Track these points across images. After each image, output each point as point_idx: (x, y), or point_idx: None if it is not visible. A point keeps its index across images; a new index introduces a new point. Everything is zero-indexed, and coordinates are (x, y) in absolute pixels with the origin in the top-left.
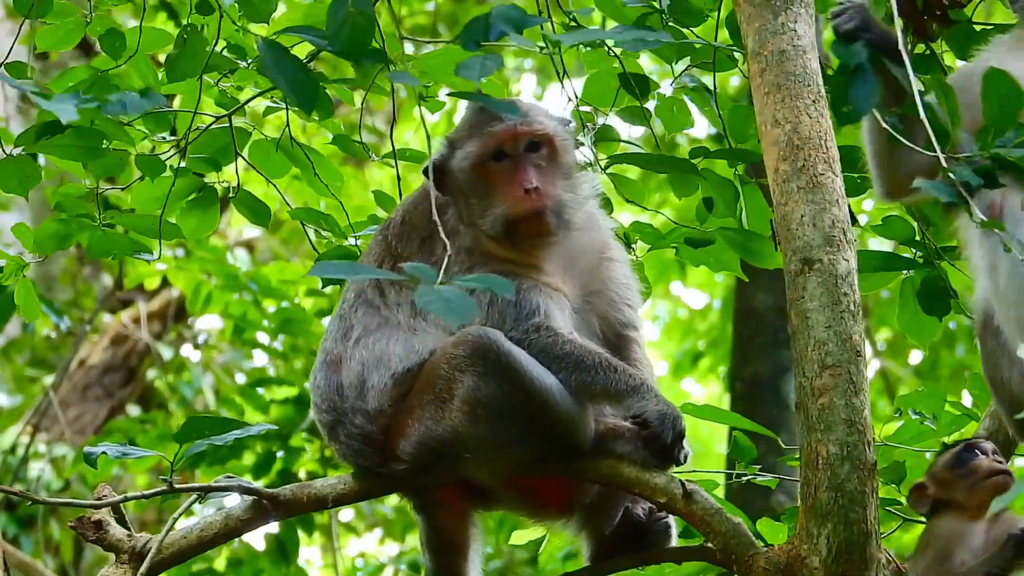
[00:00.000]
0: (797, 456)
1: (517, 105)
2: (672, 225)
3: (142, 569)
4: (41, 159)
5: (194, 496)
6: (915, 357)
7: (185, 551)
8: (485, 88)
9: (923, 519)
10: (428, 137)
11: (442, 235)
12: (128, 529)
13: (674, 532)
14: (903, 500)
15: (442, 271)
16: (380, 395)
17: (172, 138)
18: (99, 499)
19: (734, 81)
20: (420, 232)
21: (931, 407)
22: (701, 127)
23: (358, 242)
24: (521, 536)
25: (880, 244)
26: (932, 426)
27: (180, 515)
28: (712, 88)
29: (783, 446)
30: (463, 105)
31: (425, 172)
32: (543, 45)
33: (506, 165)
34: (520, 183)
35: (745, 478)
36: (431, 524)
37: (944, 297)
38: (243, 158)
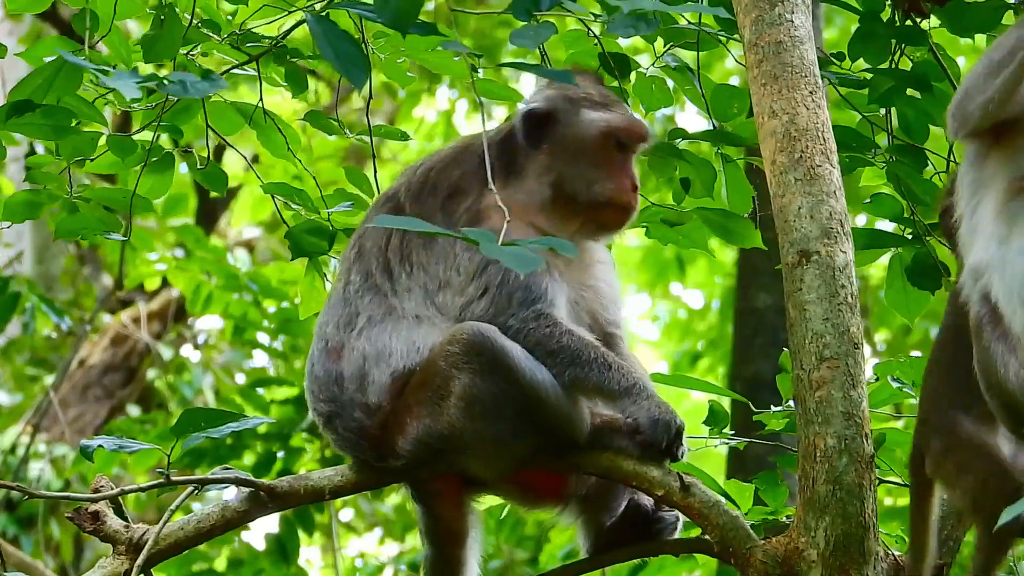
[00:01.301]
0: (773, 416)
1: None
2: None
3: (139, 560)
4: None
5: (191, 488)
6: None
7: (182, 542)
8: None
9: None
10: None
11: (491, 183)
12: (126, 520)
13: (680, 527)
14: (882, 463)
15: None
16: (379, 391)
17: (148, 108)
18: (96, 491)
19: (730, 64)
20: (444, 191)
21: (910, 376)
22: (692, 116)
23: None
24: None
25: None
26: (910, 392)
27: (178, 507)
28: (696, 68)
29: (754, 409)
30: (461, 105)
31: (528, 116)
32: (598, 13)
33: (619, 154)
34: (631, 178)
35: (718, 443)
36: (429, 514)
37: (934, 273)
38: (213, 129)
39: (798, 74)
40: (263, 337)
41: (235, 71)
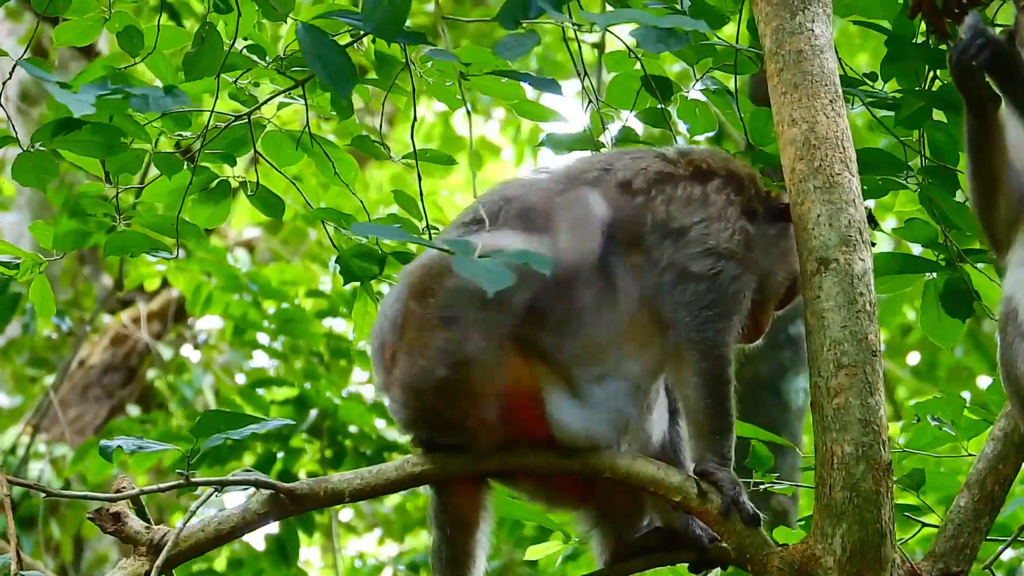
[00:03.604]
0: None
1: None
2: None
3: (158, 561)
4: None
5: (212, 489)
6: (913, 358)
7: (202, 544)
8: None
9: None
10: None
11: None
12: (148, 521)
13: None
14: (921, 504)
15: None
16: None
17: (190, 136)
18: (117, 491)
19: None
20: (738, 182)
21: (949, 413)
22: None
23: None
24: (537, 551)
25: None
26: (951, 431)
27: (199, 507)
28: (734, 90)
29: (801, 453)
30: (460, 110)
31: (789, 207)
32: (581, 23)
33: (783, 299)
34: (768, 324)
35: (763, 486)
36: (442, 500)
37: (967, 299)
38: (260, 154)
39: (818, 83)
40: (263, 337)
41: (281, 98)
